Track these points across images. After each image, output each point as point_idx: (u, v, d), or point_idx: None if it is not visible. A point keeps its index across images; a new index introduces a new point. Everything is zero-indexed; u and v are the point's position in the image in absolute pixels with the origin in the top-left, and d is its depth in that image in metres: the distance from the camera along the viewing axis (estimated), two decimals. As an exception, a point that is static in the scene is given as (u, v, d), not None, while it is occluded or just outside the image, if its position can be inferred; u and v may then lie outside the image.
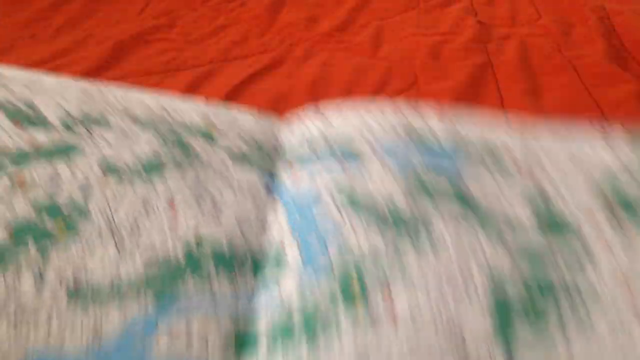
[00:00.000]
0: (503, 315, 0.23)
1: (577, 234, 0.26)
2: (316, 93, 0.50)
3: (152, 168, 0.32)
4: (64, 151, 0.32)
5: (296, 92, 0.50)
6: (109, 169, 0.31)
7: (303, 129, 0.35)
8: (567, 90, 0.49)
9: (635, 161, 0.30)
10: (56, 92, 0.35)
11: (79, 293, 0.25)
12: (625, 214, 0.27)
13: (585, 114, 0.46)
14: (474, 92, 0.49)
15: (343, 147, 0.33)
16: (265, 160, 0.33)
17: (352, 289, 0.25)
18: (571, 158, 0.31)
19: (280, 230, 0.30)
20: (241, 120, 0.35)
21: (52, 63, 0.53)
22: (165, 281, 0.26)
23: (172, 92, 0.49)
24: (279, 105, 0.48)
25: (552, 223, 0.27)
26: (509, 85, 0.50)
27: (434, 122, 0.34)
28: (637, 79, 0.50)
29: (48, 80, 0.37)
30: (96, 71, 0.52)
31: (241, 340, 0.25)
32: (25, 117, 0.33)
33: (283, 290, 0.26)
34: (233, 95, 0.49)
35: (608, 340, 0.21)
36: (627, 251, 0.25)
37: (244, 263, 0.28)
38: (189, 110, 0.36)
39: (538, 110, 0.47)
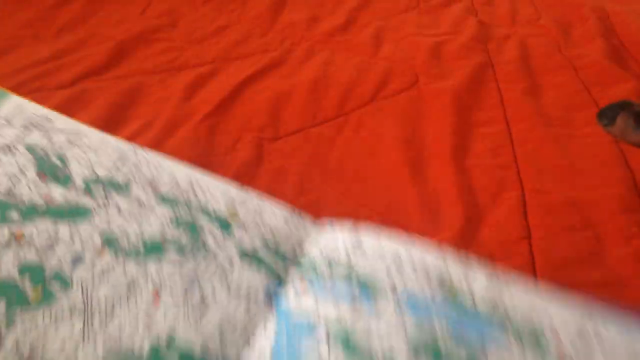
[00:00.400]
0: None
1: None
2: (317, 92, 0.50)
3: (152, 248, 0.30)
4: (73, 213, 0.31)
5: (297, 91, 0.50)
6: (109, 241, 0.30)
7: (331, 243, 0.32)
8: (566, 89, 0.50)
9: None
10: (92, 149, 0.35)
11: None
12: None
13: (584, 112, 0.46)
14: (474, 91, 0.50)
15: (363, 279, 0.29)
16: (278, 263, 0.31)
17: None
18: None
19: (262, 352, 0.27)
20: (268, 214, 0.33)
21: (54, 62, 0.53)
22: None
23: (173, 91, 0.50)
24: (280, 104, 0.48)
25: None
26: (509, 84, 0.50)
27: (476, 279, 0.29)
28: (636, 78, 0.50)
29: (91, 134, 0.36)
30: (98, 70, 0.52)
31: None
32: (52, 170, 0.32)
33: None
34: (234, 94, 0.49)
35: None
36: None
37: None
38: (217, 192, 0.34)
39: (538, 109, 0.47)
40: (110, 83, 0.51)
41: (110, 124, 0.44)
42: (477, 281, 0.28)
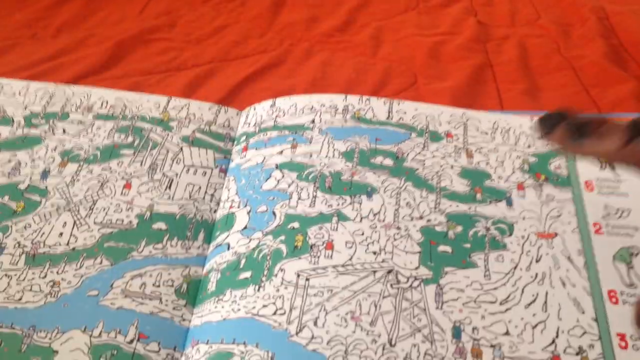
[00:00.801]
0: (430, 247, 0.31)
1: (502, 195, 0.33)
2: (316, 92, 0.50)
3: (107, 152, 0.36)
4: (26, 142, 0.36)
5: (296, 91, 0.50)
6: (67, 154, 0.36)
7: (257, 117, 0.39)
8: (566, 91, 0.49)
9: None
10: (22, 94, 0.40)
11: (36, 258, 0.30)
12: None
13: (583, 113, 0.46)
14: (474, 92, 0.49)
15: (292, 128, 0.37)
16: (218, 143, 0.38)
17: (296, 241, 0.31)
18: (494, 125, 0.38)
19: (229, 198, 0.34)
20: (196, 109, 0.39)
21: (52, 62, 0.53)
22: (120, 246, 0.31)
23: (172, 91, 0.50)
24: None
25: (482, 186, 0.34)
26: (508, 85, 0.50)
27: (376, 104, 0.39)
28: (636, 79, 0.50)
29: (15, 84, 0.41)
30: (97, 71, 0.52)
31: (194, 284, 0.30)
32: None
33: (232, 245, 0.31)
34: (233, 95, 0.49)
35: (516, 252, 0.30)
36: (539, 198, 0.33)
37: (196, 229, 0.33)
38: (147, 103, 0.40)
39: (537, 110, 0.47)
40: (108, 83, 0.51)
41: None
42: (377, 107, 0.39)
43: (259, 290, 0.29)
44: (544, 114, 0.25)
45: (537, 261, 0.29)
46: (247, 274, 0.30)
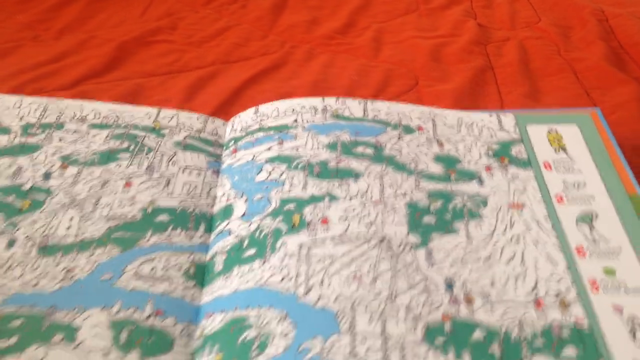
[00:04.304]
0: (415, 219, 0.34)
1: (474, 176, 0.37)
2: (317, 95, 0.50)
3: (104, 157, 0.38)
4: (24, 149, 0.38)
5: (297, 94, 0.50)
6: (66, 158, 0.37)
7: (242, 123, 0.41)
8: (566, 93, 0.50)
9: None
10: (16, 107, 0.41)
11: (47, 248, 0.32)
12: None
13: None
14: (475, 94, 0.50)
15: (276, 129, 0.40)
16: (208, 147, 0.39)
17: (294, 220, 0.33)
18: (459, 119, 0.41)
19: (225, 193, 0.36)
20: (185, 119, 0.41)
21: (54, 65, 0.53)
22: (128, 235, 0.33)
23: (173, 93, 0.50)
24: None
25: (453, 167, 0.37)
26: (509, 87, 0.51)
27: (352, 104, 0.41)
28: (636, 81, 0.50)
29: (8, 98, 0.42)
30: (98, 73, 0.52)
31: (200, 269, 0.32)
32: None
33: (233, 230, 0.33)
34: (234, 98, 0.49)
35: (491, 220, 0.34)
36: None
37: (196, 221, 0.34)
38: (138, 114, 0.41)
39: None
40: (110, 85, 0.51)
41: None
42: (353, 107, 0.41)
43: (264, 263, 0.31)
44: None
45: (510, 227, 0.33)
46: (252, 251, 0.32)
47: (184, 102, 0.49)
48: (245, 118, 0.41)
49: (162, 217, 0.34)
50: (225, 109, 0.48)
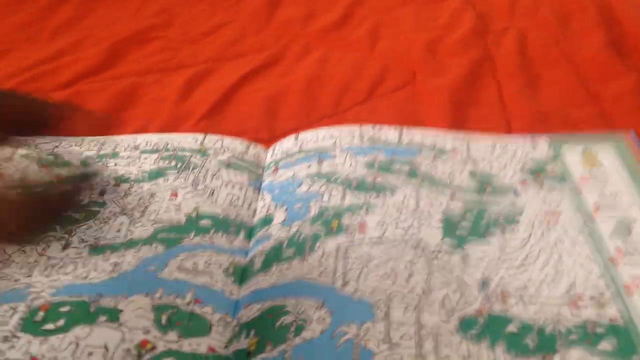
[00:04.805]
0: (451, 225, 0.35)
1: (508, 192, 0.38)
2: (313, 90, 0.49)
3: (154, 174, 0.40)
4: (83, 176, 0.41)
5: (293, 89, 0.50)
6: (120, 179, 0.40)
7: (283, 147, 0.43)
8: (565, 84, 0.49)
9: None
10: (76, 144, 0.44)
11: (97, 248, 0.34)
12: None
13: (583, 108, 0.46)
14: (473, 86, 0.49)
15: (316, 151, 0.41)
16: (250, 168, 0.41)
17: (332, 225, 0.35)
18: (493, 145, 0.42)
19: (266, 204, 0.38)
20: (229, 143, 0.43)
21: (50, 65, 0.53)
22: (172, 236, 0.35)
23: (169, 90, 0.50)
24: (276, 104, 0.48)
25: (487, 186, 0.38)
26: (508, 78, 0.50)
27: (388, 131, 0.43)
28: (636, 72, 0.49)
29: (67, 139, 0.45)
30: (94, 71, 0.52)
31: (239, 270, 0.34)
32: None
33: (273, 234, 0.35)
34: (230, 94, 0.49)
35: (527, 227, 0.35)
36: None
37: (237, 227, 0.36)
38: (185, 139, 0.43)
39: (537, 104, 0.46)
40: (105, 84, 0.51)
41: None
42: (389, 134, 0.43)
43: (303, 262, 0.33)
44: None
45: (547, 232, 0.34)
46: (291, 251, 0.34)
47: (180, 100, 0.49)
48: (286, 144, 0.43)
49: (205, 222, 0.36)
50: (221, 107, 0.48)
